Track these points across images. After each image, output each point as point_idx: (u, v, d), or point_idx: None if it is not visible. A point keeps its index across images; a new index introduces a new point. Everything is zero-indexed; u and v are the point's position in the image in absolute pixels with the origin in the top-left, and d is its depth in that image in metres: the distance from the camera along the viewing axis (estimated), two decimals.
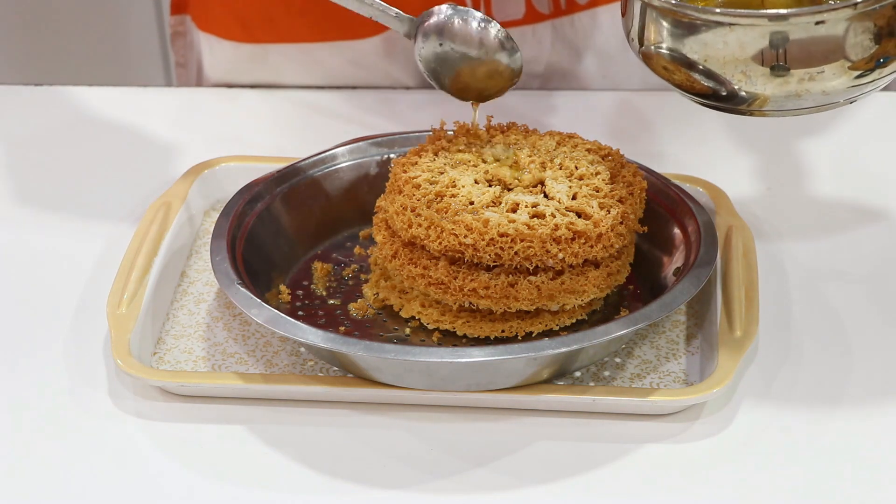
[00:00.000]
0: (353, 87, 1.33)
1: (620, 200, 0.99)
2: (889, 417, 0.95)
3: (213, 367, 1.00)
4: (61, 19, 2.23)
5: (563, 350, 0.92)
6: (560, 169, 1.01)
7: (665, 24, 0.94)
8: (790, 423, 0.95)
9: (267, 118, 1.29)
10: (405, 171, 1.01)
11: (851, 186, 1.18)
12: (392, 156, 1.11)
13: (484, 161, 1.02)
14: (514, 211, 0.97)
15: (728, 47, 0.92)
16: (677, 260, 1.03)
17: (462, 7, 1.04)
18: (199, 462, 0.93)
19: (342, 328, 1.01)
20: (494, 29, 1.03)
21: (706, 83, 0.94)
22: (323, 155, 1.11)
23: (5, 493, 0.91)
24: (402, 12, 1.04)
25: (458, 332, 0.99)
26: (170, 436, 0.95)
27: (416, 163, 1.02)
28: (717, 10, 0.93)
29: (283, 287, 1.04)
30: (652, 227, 1.04)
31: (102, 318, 1.01)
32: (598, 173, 1.01)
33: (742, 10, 0.94)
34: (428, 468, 0.92)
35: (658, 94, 1.33)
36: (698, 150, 1.22)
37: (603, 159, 1.03)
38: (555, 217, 0.97)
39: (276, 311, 0.95)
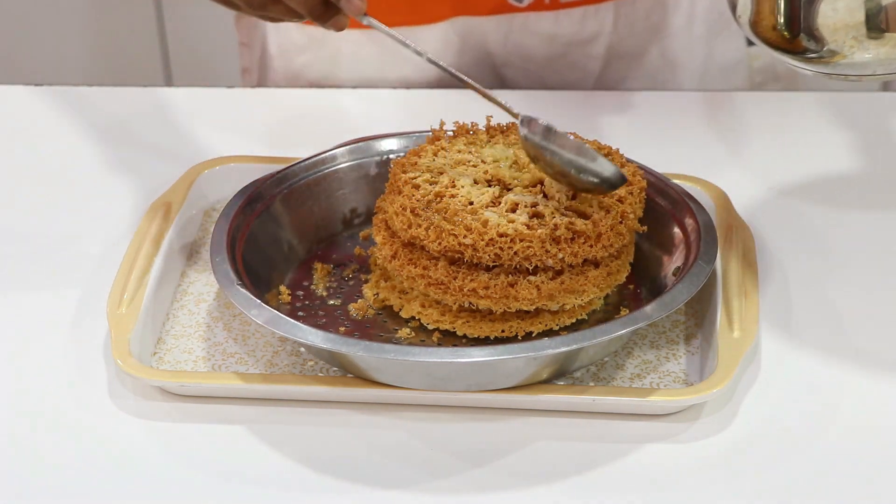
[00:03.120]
0: (354, 87, 1.33)
1: (620, 200, 0.99)
2: (889, 417, 0.95)
3: (213, 367, 1.00)
4: (61, 19, 2.23)
5: (563, 350, 0.92)
6: None
7: None
8: (790, 424, 0.95)
9: (267, 118, 1.29)
10: (405, 172, 1.01)
11: (851, 186, 1.18)
12: (392, 156, 1.11)
13: (483, 161, 1.02)
14: (513, 211, 0.97)
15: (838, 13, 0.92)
16: (677, 260, 1.03)
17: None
18: (199, 462, 0.93)
19: (342, 328, 1.01)
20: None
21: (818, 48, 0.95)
22: (323, 155, 1.11)
23: (6, 493, 0.91)
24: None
25: (458, 332, 0.99)
26: (170, 436, 0.95)
27: (416, 163, 1.02)
28: None
29: (283, 287, 1.04)
30: (652, 227, 1.04)
31: (102, 318, 1.01)
32: None
33: None
34: (428, 468, 0.92)
35: (658, 93, 1.33)
36: (698, 150, 1.22)
37: None
38: (554, 217, 0.97)
39: (275, 311, 0.95)
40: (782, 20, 0.96)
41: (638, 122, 1.27)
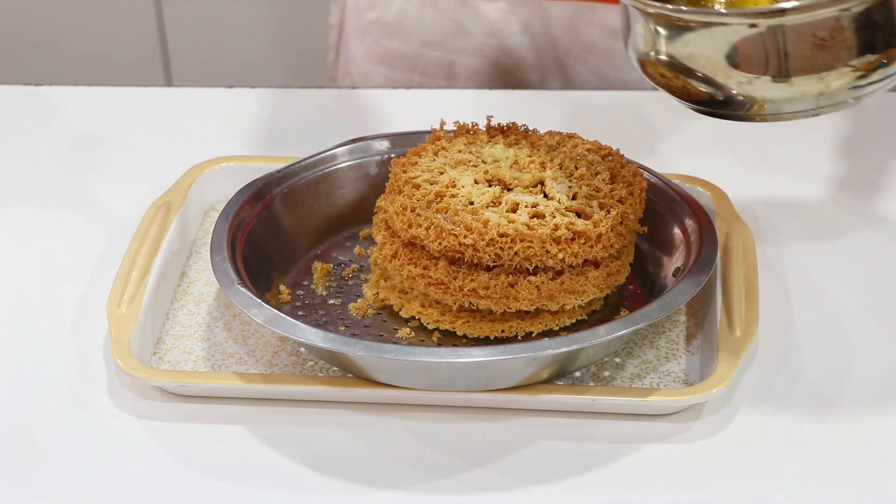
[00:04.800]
0: (352, 88, 1.33)
1: (620, 200, 0.99)
2: (888, 418, 0.95)
3: (213, 367, 1.00)
4: (60, 19, 2.23)
5: (563, 350, 0.92)
6: (560, 169, 1.01)
7: (653, 27, 0.93)
8: (790, 424, 0.95)
9: (267, 118, 1.29)
10: (405, 172, 1.01)
11: (851, 186, 1.18)
12: (392, 156, 1.11)
13: (484, 161, 1.02)
14: (513, 211, 0.98)
15: (716, 48, 0.90)
16: (677, 260, 1.03)
17: None
18: (199, 462, 0.93)
19: (342, 328, 1.01)
20: None
21: (702, 88, 0.93)
22: (323, 155, 1.11)
23: (6, 493, 0.91)
24: None
25: (458, 332, 0.99)
26: (170, 436, 0.95)
27: (416, 163, 1.02)
28: (707, 10, 0.91)
29: (283, 287, 1.04)
30: (652, 227, 1.04)
31: (102, 318, 1.01)
32: (597, 173, 1.01)
33: (734, 9, 0.92)
34: (428, 468, 0.92)
35: (658, 93, 1.32)
36: (698, 150, 1.22)
37: (603, 159, 1.03)
38: (555, 217, 0.97)
39: (275, 311, 0.95)
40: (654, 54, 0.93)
41: (638, 122, 1.27)
